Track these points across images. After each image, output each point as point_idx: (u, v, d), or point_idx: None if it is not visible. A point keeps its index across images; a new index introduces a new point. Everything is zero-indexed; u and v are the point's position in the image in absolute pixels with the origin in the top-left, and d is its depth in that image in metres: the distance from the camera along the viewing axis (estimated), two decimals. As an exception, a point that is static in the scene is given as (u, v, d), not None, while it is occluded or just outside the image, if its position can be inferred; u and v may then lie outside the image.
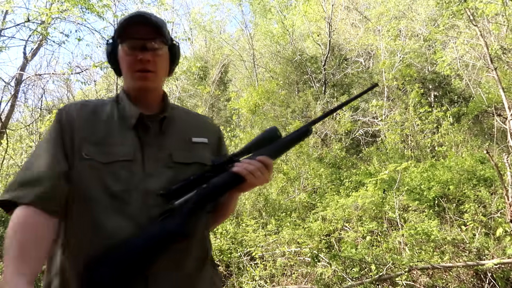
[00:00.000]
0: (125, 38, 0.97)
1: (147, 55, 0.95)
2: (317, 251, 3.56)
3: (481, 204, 3.98)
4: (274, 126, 1.04)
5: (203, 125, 1.13)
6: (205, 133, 1.09)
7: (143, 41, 0.96)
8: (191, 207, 0.90)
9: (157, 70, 0.99)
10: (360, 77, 10.33)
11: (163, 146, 0.98)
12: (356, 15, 12.04)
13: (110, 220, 0.86)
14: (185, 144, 1.02)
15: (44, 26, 5.38)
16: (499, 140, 6.60)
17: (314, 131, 7.96)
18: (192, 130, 1.07)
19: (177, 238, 0.86)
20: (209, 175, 0.95)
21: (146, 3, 7.80)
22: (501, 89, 5.85)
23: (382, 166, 5.89)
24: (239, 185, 0.97)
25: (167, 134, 1.00)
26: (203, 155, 1.04)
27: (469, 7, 6.07)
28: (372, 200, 4.17)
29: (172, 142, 1.00)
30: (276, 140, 1.02)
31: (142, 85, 0.99)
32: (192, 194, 0.92)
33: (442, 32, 8.19)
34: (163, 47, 1.00)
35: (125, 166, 0.91)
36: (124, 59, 0.98)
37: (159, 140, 0.98)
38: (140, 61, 0.95)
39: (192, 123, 1.10)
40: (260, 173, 0.96)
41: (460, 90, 9.08)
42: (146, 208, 0.89)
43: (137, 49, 0.96)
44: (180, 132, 1.04)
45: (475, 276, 3.01)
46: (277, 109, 9.47)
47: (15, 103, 6.63)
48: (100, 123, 0.96)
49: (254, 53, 12.39)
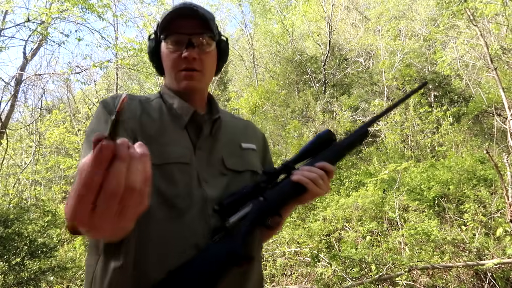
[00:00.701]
0: (168, 33, 0.87)
1: (193, 53, 0.85)
2: (317, 251, 3.56)
3: (481, 204, 3.98)
4: (327, 129, 0.93)
5: (250, 130, 1.03)
6: (253, 139, 1.00)
7: (188, 36, 0.86)
8: (250, 226, 0.79)
9: (204, 69, 0.89)
10: (360, 77, 10.34)
11: (214, 150, 0.88)
12: (356, 15, 12.04)
13: (167, 231, 0.75)
14: (235, 150, 0.93)
15: (44, 26, 5.39)
16: (499, 140, 6.61)
17: (314, 131, 7.97)
18: (241, 135, 0.98)
19: (242, 262, 0.75)
20: (263, 185, 0.84)
21: (146, 3, 7.81)
22: (501, 89, 5.85)
23: (382, 166, 5.89)
24: (300, 196, 0.87)
25: (218, 138, 0.90)
26: (254, 163, 0.95)
27: (469, 7, 6.07)
28: (372, 200, 4.17)
29: (223, 146, 0.90)
30: (332, 144, 0.92)
31: (188, 85, 0.88)
32: (249, 210, 0.80)
33: (442, 32, 8.19)
34: (211, 43, 0.90)
35: (181, 169, 0.80)
36: (167, 57, 0.89)
37: (210, 143, 0.88)
38: (185, 59, 0.85)
39: (240, 128, 1.00)
40: (322, 182, 0.85)
41: (460, 90, 9.08)
42: (204, 219, 0.79)
43: (182, 45, 0.86)
44: (230, 136, 0.94)
45: (475, 276, 3.01)
46: (277, 109, 9.48)
47: (15, 103, 6.62)
48: (150, 119, 0.85)
49: (254, 53, 12.39)
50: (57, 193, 8.05)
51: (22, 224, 3.58)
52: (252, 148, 0.97)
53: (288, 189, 0.85)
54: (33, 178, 7.95)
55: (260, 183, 0.84)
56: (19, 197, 6.51)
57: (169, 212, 0.76)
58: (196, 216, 0.78)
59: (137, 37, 9.91)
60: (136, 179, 0.42)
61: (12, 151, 7.98)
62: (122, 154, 0.41)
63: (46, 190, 8.79)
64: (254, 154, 0.97)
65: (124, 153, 0.41)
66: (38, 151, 8.75)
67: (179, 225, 0.76)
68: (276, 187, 0.85)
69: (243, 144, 0.95)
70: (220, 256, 0.74)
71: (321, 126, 8.06)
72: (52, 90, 11.67)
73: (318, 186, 0.85)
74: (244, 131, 1.00)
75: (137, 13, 8.36)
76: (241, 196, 0.81)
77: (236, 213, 0.80)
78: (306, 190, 0.85)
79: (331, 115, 8.45)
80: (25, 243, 3.34)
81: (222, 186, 0.85)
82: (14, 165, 8.54)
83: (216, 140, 0.90)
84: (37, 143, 8.56)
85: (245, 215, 0.80)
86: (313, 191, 0.85)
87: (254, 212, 0.80)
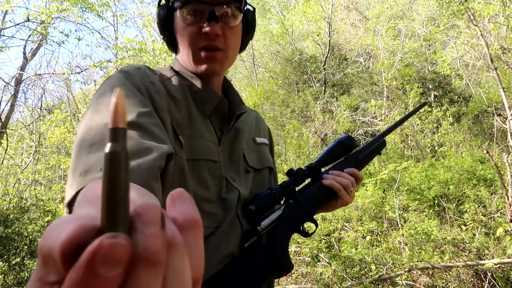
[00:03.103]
0: (186, 0, 0.70)
1: (216, 27, 0.69)
2: (317, 251, 3.56)
3: (481, 204, 3.98)
4: (348, 135, 0.88)
5: (261, 123, 0.93)
6: (263, 132, 0.91)
7: (211, 6, 0.69)
8: (287, 232, 0.73)
9: (228, 48, 0.72)
10: (360, 77, 10.34)
11: (235, 145, 0.78)
12: (356, 15, 12.05)
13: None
14: (252, 145, 0.83)
15: (43, 26, 5.38)
16: (499, 140, 6.61)
17: (314, 131, 7.97)
18: (254, 128, 0.88)
19: (284, 271, 0.69)
20: (292, 188, 0.77)
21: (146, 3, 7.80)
22: (501, 89, 5.86)
23: (382, 166, 5.89)
24: (330, 202, 0.82)
25: (239, 131, 0.79)
26: (269, 159, 0.87)
27: (469, 7, 6.07)
28: (372, 200, 4.17)
29: (244, 142, 0.80)
30: (354, 151, 0.88)
31: (208, 68, 0.72)
32: (280, 213, 0.74)
33: (442, 32, 8.19)
34: (238, 16, 0.72)
35: (210, 168, 0.69)
36: (183, 30, 0.71)
37: (231, 137, 0.77)
38: (206, 35, 0.69)
39: (252, 119, 0.89)
40: (352, 189, 0.81)
41: (460, 90, 9.08)
42: (239, 223, 0.70)
43: (202, 17, 0.70)
44: (248, 129, 0.84)
45: (475, 276, 3.01)
46: (276, 109, 9.48)
47: (15, 103, 6.63)
48: (176, 102, 0.69)
49: (254, 53, 12.39)
50: (57, 193, 8.05)
51: (22, 224, 3.58)
52: (265, 142, 0.89)
53: (320, 194, 0.80)
54: (33, 178, 7.96)
55: (289, 184, 0.77)
56: (19, 197, 6.51)
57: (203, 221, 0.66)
58: (230, 221, 0.68)
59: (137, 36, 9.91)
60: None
61: (12, 151, 7.98)
62: (158, 256, 0.19)
63: (46, 190, 8.79)
64: (267, 149, 0.89)
65: (161, 256, 0.19)
66: (38, 151, 8.75)
67: (214, 235, 0.66)
68: (307, 191, 0.79)
69: (257, 139, 0.86)
70: (260, 264, 0.67)
71: (320, 126, 8.06)
72: (52, 90, 11.68)
73: (348, 193, 0.80)
74: (257, 123, 0.90)
75: (137, 13, 8.37)
76: (272, 198, 0.73)
77: (268, 216, 0.73)
78: (337, 197, 0.80)
79: (331, 115, 8.45)
80: (25, 243, 3.34)
81: (249, 185, 0.76)
82: (14, 165, 8.54)
83: (238, 134, 0.79)
84: (37, 143, 8.57)
85: (277, 218, 0.73)
86: (343, 199, 0.80)
87: (290, 217, 0.74)
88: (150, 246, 0.19)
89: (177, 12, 0.72)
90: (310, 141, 7.69)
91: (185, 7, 0.70)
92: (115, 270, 0.18)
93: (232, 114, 0.77)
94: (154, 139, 0.56)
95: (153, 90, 0.64)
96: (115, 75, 0.65)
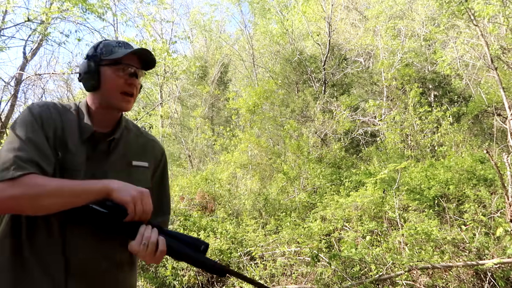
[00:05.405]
0: (125, 63, 1.05)
1: (137, 82, 1.08)
2: (317, 251, 3.55)
3: (481, 204, 3.98)
4: (208, 243, 0.97)
5: (149, 148, 1.18)
6: (148, 157, 1.15)
7: (137, 69, 1.07)
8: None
9: (135, 95, 1.10)
10: (360, 77, 10.35)
11: (102, 164, 1.03)
12: (355, 15, 12.05)
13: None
14: (123, 167, 1.07)
15: (44, 26, 5.37)
16: (499, 140, 6.61)
17: (314, 131, 7.97)
18: (135, 153, 1.12)
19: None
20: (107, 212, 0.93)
21: (146, 2, 7.80)
22: (501, 89, 5.86)
23: (382, 165, 5.89)
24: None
25: (113, 154, 1.06)
26: (140, 179, 1.08)
27: (470, 7, 6.07)
28: (372, 199, 4.17)
29: (111, 163, 1.05)
30: (195, 250, 0.94)
31: (126, 106, 1.07)
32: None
33: (442, 32, 8.20)
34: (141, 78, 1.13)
35: (77, 176, 0.97)
36: (114, 80, 1.05)
37: (102, 158, 1.04)
38: (130, 85, 1.06)
39: (137, 146, 1.14)
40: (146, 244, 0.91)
41: (460, 90, 9.08)
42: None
43: (132, 75, 1.06)
44: (123, 153, 1.09)
45: (475, 275, 3.01)
46: (276, 109, 9.48)
47: (15, 103, 6.62)
48: (66, 127, 1.02)
49: (254, 53, 12.40)
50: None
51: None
52: (144, 165, 1.12)
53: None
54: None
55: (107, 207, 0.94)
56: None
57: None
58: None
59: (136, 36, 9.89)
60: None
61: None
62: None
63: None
64: (143, 171, 1.11)
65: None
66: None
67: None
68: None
69: (134, 162, 1.10)
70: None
71: (320, 126, 8.06)
72: (52, 90, 11.63)
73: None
74: (141, 149, 1.15)
75: (136, 12, 8.36)
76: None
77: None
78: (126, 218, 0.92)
79: (331, 115, 8.44)
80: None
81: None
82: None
83: (110, 156, 1.05)
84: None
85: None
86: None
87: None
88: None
89: (108, 67, 1.05)
90: (310, 141, 7.69)
91: (122, 65, 1.05)
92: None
93: (109, 142, 1.06)
94: (38, 150, 0.93)
95: (45, 121, 0.98)
96: (26, 112, 0.99)
